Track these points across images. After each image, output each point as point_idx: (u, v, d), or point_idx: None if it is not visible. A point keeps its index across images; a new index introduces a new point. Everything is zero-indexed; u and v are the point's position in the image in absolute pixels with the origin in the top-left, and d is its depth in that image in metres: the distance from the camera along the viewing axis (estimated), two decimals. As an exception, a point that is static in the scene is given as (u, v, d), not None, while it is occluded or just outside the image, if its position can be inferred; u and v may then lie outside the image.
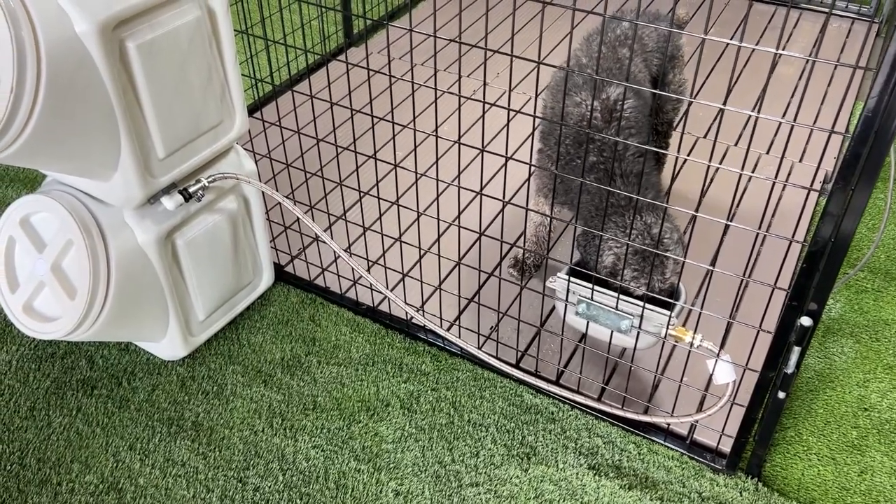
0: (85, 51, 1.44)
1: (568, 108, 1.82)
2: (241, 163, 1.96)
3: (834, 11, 3.64)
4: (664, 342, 1.71)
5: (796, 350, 1.48)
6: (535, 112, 1.67)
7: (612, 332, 1.74)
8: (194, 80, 1.69)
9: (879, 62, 1.16)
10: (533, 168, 1.81)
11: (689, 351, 1.68)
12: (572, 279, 1.74)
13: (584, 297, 1.73)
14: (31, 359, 2.05)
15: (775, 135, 2.77)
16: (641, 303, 1.67)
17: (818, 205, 2.50)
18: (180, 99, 1.67)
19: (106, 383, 1.99)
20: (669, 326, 1.67)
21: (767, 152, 2.69)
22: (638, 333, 1.71)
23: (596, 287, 1.71)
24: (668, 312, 1.67)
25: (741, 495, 1.72)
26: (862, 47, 3.30)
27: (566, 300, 1.77)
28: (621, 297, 1.69)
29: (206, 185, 1.82)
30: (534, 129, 2.82)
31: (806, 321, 1.44)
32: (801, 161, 2.65)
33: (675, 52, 2.11)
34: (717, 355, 1.62)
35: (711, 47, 3.33)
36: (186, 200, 1.78)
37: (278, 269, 2.30)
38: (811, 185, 2.51)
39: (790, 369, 1.52)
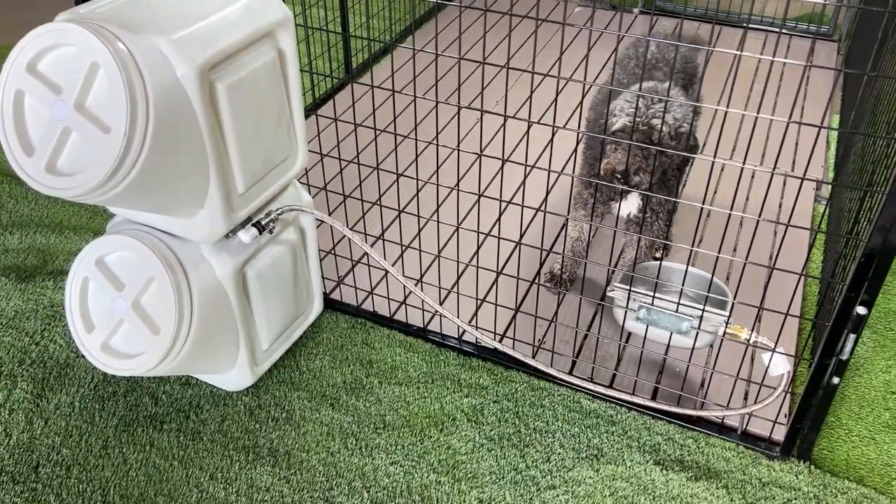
0: (184, 93, 1.51)
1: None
2: (299, 195, 2.04)
3: (794, 33, 3.92)
4: (722, 340, 1.85)
5: (851, 337, 1.64)
6: (578, 128, 1.80)
7: (671, 333, 1.88)
8: (269, 117, 1.77)
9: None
10: (574, 176, 1.95)
11: (746, 347, 1.82)
12: (632, 288, 1.87)
13: (645, 303, 1.86)
14: (94, 399, 2.06)
15: (765, 146, 2.99)
16: (700, 306, 1.80)
17: (815, 210, 2.72)
18: (258, 135, 1.75)
19: (174, 417, 2.02)
20: (727, 325, 1.81)
21: (761, 163, 2.89)
22: (696, 334, 1.84)
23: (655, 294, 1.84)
24: (724, 313, 1.81)
25: (797, 478, 1.86)
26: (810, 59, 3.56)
27: (626, 307, 1.90)
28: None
29: (276, 217, 1.89)
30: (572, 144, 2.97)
31: (861, 310, 1.59)
32: (792, 169, 2.87)
33: (696, 71, 2.29)
34: (774, 349, 1.77)
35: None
36: (260, 233, 1.85)
37: (324, 296, 2.36)
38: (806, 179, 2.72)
39: (845, 356, 1.67)
